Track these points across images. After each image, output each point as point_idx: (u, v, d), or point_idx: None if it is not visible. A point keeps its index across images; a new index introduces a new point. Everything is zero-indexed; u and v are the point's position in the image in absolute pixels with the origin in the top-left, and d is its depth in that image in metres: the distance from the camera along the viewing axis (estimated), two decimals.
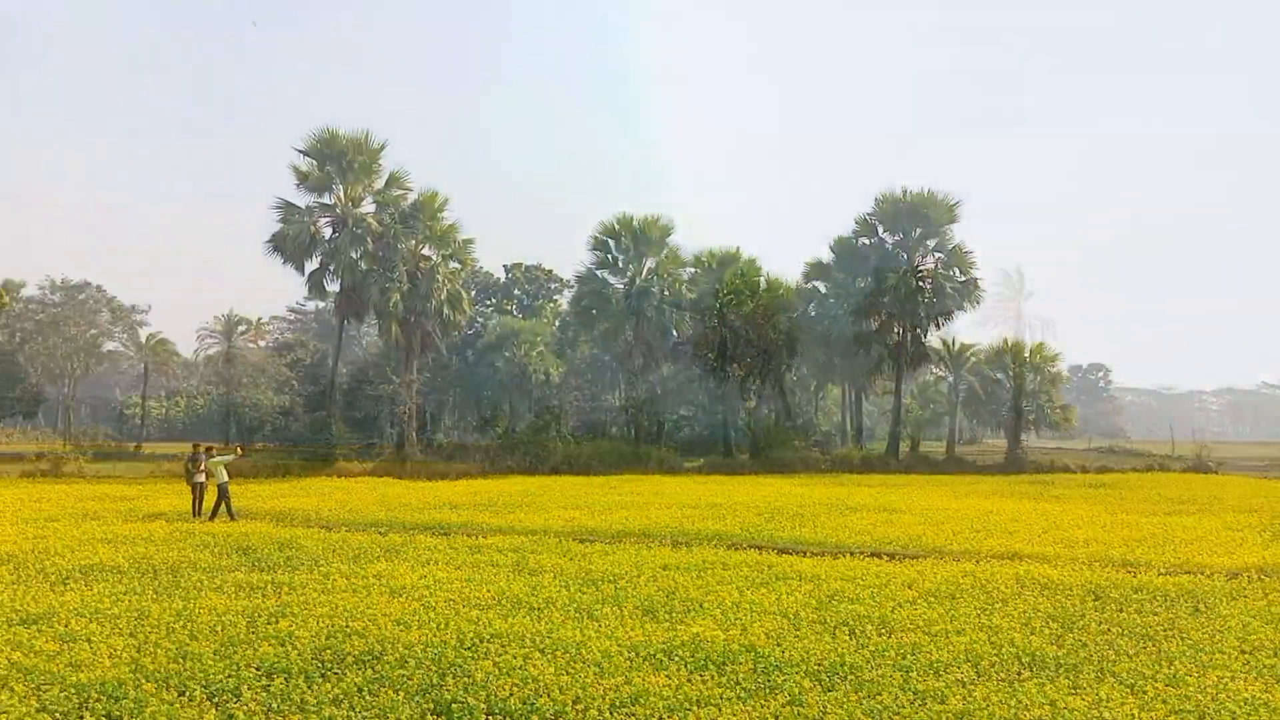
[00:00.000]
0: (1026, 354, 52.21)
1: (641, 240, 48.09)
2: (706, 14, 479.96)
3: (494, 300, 73.72)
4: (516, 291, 74.67)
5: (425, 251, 44.37)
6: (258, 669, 8.32)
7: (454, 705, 7.33)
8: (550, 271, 75.47)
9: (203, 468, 22.11)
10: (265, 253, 42.11)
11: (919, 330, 50.21)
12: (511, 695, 7.46)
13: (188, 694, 7.70)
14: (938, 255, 50.54)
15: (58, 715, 7.20)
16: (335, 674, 8.22)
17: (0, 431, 63.24)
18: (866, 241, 51.30)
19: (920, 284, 49.29)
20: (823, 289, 53.26)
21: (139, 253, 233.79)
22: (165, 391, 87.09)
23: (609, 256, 48.93)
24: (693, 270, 50.22)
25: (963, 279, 49.88)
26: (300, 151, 42.06)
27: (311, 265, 42.47)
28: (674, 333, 49.62)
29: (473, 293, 60.92)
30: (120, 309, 66.64)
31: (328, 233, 42.22)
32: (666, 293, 48.44)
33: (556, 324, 69.95)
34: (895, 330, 50.64)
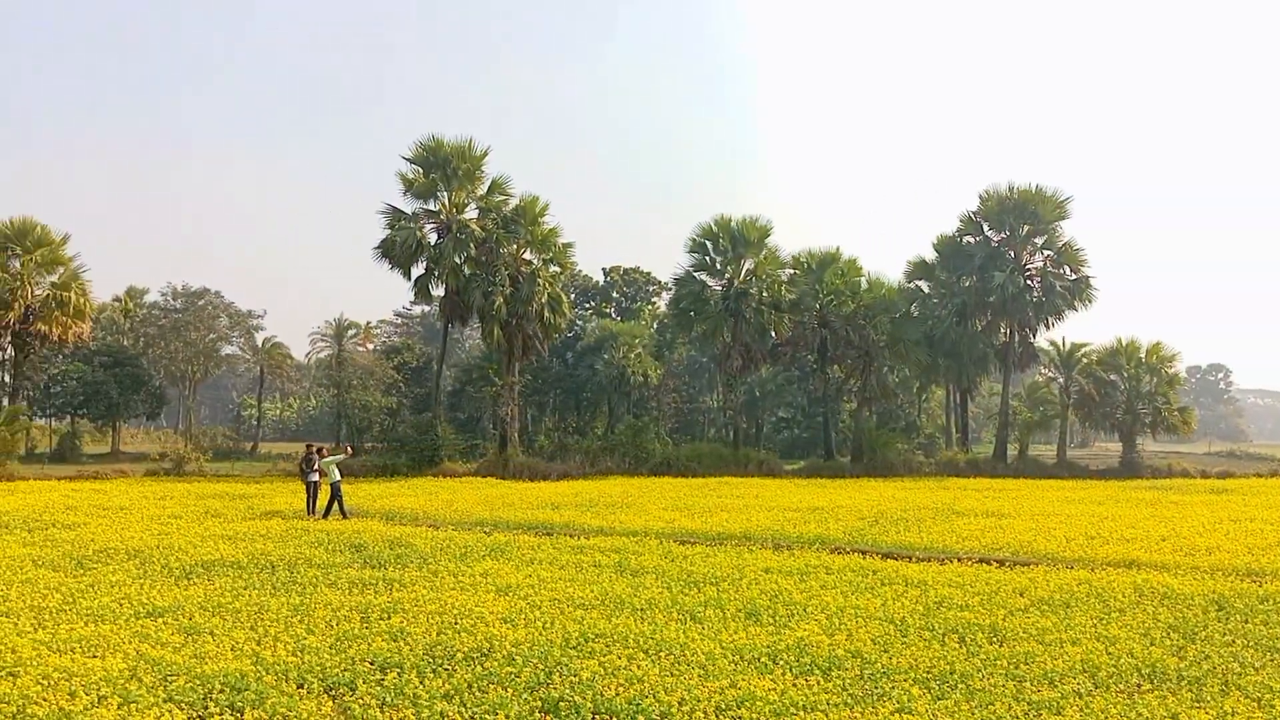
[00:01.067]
0: (1142, 354, 50.25)
1: (740, 242, 47.82)
2: (807, 12, 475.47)
3: (593, 303, 74.26)
4: (615, 294, 75.07)
5: (526, 256, 44.99)
6: (372, 663, 8.57)
7: (561, 703, 7.42)
8: (648, 274, 75.68)
9: (316, 467, 22.88)
10: (374, 258, 43.39)
11: (1027, 330, 48.81)
12: (617, 695, 7.51)
13: (306, 686, 7.96)
14: (1047, 253, 49.03)
15: (184, 705, 7.49)
16: (446, 669, 8.40)
17: (125, 431, 66.50)
18: (971, 239, 50.04)
19: (1028, 283, 47.91)
20: (925, 289, 52.10)
21: (256, 259, 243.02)
22: (279, 393, 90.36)
23: (707, 258, 48.79)
24: (792, 271, 49.68)
25: (1073, 277, 48.30)
26: (407, 159, 43.17)
27: (417, 270, 43.52)
28: (772, 334, 49.16)
29: (572, 296, 61.49)
30: (238, 314, 69.38)
31: (433, 238, 43.20)
32: (765, 294, 48.04)
33: (654, 326, 70.06)
34: (1002, 330, 49.30)
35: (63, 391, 55.19)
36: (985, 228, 49.64)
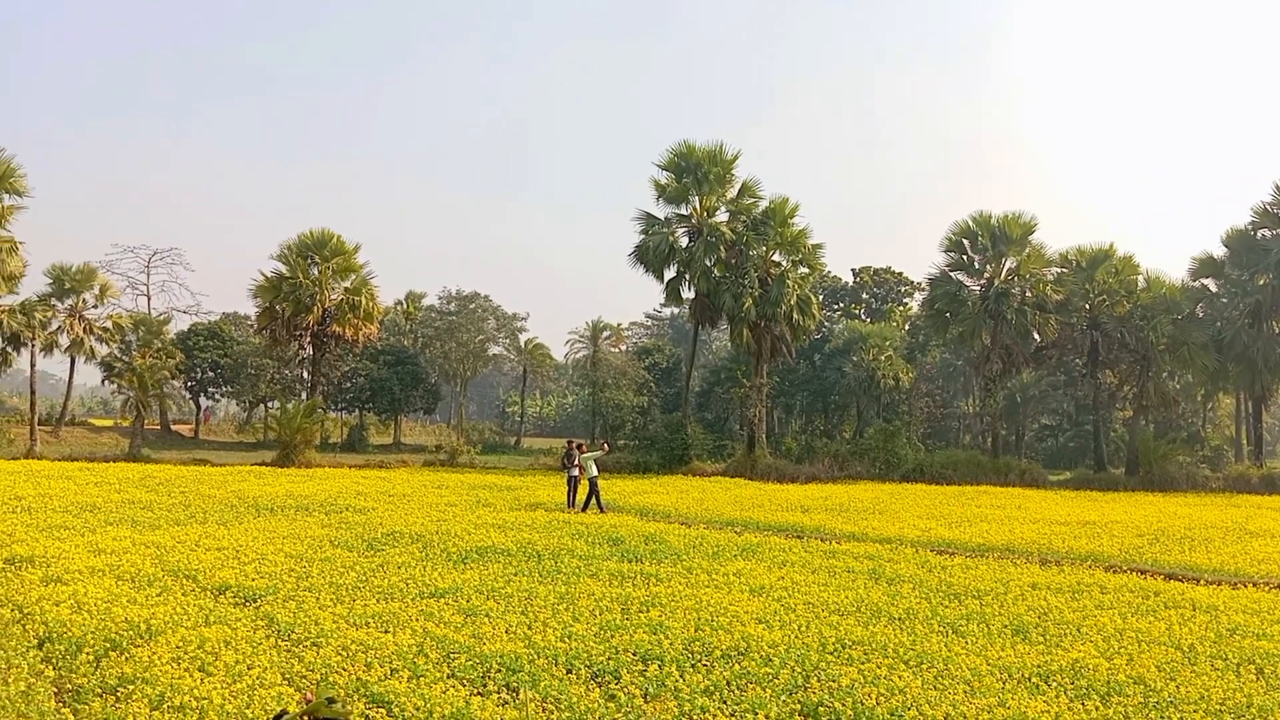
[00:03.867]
0: None
1: (1000, 239, 45.53)
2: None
3: (841, 304, 73.15)
4: (865, 295, 73.62)
5: (775, 258, 44.99)
6: (634, 654, 8.85)
7: (820, 708, 7.40)
8: (900, 274, 73.68)
9: (576, 462, 23.92)
10: (629, 263, 44.89)
11: None
12: (878, 705, 7.39)
13: (574, 672, 8.36)
14: None
15: (465, 682, 8.04)
16: (704, 666, 8.58)
17: (405, 424, 72.25)
18: (1268, 233, 45.12)
19: None
20: (1213, 287, 47.48)
21: (520, 264, 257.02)
22: (540, 391, 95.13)
23: (964, 257, 46.79)
24: (1059, 270, 46.76)
25: None
26: (659, 166, 44.28)
27: (669, 273, 44.56)
28: (1036, 336, 46.47)
29: (821, 297, 60.72)
30: (504, 316, 73.77)
31: (684, 242, 44.12)
32: (1028, 294, 45.45)
33: (906, 328, 68.12)
34: None
35: (353, 387, 60.82)
36: None
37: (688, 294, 45.22)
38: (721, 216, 44.71)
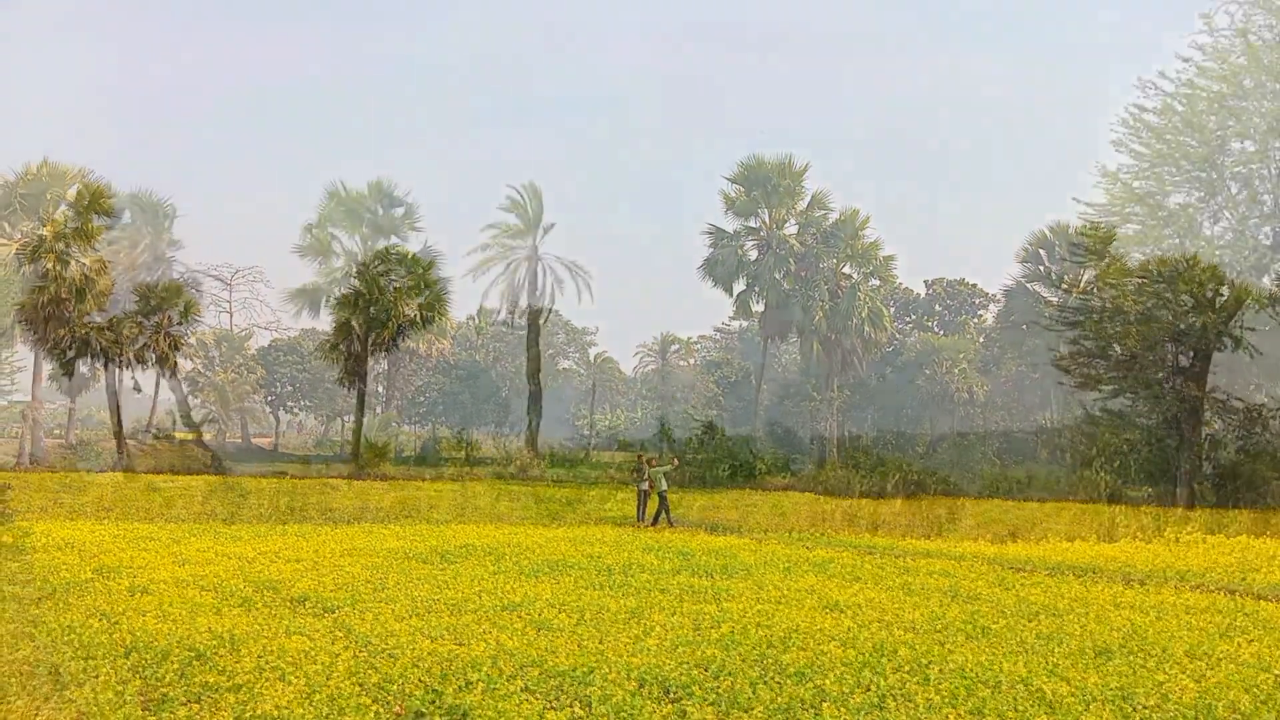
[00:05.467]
0: None
1: (1078, 248, 44.55)
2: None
3: (914, 316, 72.24)
4: (938, 307, 72.61)
5: (846, 270, 44.70)
6: (705, 669, 8.79)
7: None
8: (973, 285, 72.57)
9: (646, 476, 23.96)
10: (699, 277, 45.02)
11: None
12: None
13: (646, 687, 8.33)
14: None
15: (537, 695, 8.06)
16: (777, 683, 8.48)
17: (476, 437, 73.19)
18: None
19: None
20: None
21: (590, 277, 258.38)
22: (609, 404, 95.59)
23: (1040, 267, 45.99)
24: (1140, 280, 45.53)
25: None
26: (728, 180, 44.35)
27: (738, 287, 44.56)
28: (1117, 348, 45.28)
29: (892, 309, 59.98)
30: (574, 331, 74.32)
31: (753, 255, 44.07)
32: (1108, 305, 44.34)
33: (980, 340, 67.00)
34: None
35: (426, 401, 61.79)
36: None
37: (757, 307, 45.19)
38: (791, 229, 44.60)
